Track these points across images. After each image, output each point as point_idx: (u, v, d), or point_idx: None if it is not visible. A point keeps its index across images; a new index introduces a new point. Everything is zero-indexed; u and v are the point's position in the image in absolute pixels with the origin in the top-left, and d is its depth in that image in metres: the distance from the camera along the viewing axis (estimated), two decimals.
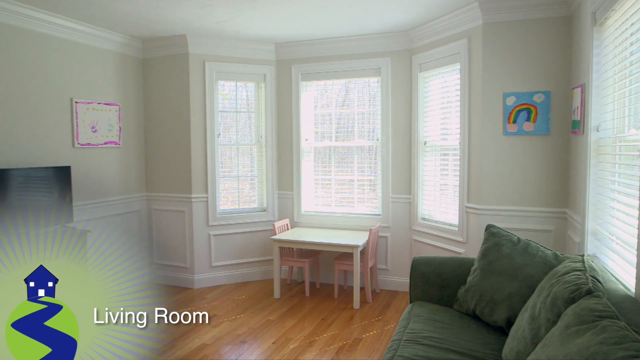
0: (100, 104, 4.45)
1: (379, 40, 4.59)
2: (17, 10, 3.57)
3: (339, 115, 4.97)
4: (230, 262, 4.98)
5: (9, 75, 3.62)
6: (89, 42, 4.31)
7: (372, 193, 4.89)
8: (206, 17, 3.96)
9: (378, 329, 3.71)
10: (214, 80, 4.80)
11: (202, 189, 4.81)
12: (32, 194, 3.43)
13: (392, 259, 4.72)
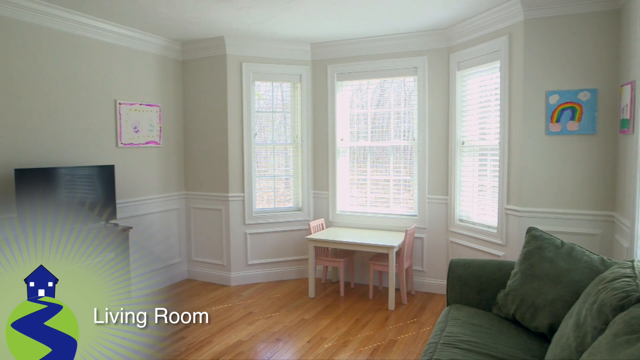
0: (142, 105, 4.60)
1: (416, 38, 4.53)
2: (64, 15, 3.73)
3: (374, 114, 4.93)
4: (265, 260, 5.04)
5: (57, 79, 3.79)
6: (132, 45, 4.46)
7: (407, 193, 4.83)
8: (243, 18, 4.02)
9: (414, 331, 3.66)
10: (250, 80, 4.87)
11: (239, 188, 4.89)
12: (78, 191, 3.58)
13: (428, 260, 4.66)
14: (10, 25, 3.43)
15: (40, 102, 3.66)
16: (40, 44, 3.64)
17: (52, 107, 3.75)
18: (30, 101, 3.58)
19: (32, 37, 3.58)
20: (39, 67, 3.63)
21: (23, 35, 3.52)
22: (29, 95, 3.57)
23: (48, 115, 3.71)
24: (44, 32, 3.66)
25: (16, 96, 3.48)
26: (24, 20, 3.50)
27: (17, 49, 3.48)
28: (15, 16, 3.44)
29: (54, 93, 3.76)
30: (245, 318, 3.98)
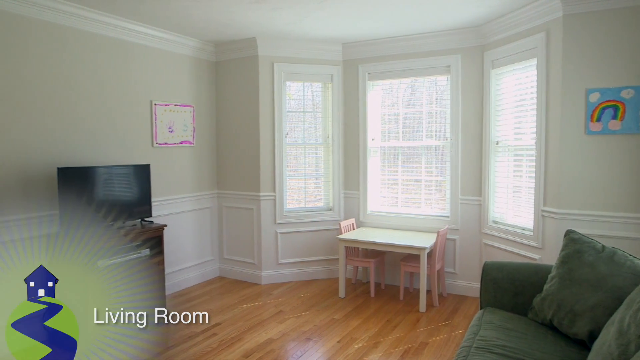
0: (177, 105, 4.70)
1: (449, 37, 4.45)
2: (104, 20, 3.86)
3: (405, 114, 4.88)
4: (296, 259, 5.07)
5: (97, 81, 3.92)
6: (167, 47, 4.56)
7: (439, 194, 4.76)
8: (275, 19, 4.06)
9: (445, 334, 3.60)
10: (282, 81, 4.90)
11: (270, 187, 4.94)
12: (116, 189, 3.69)
13: (460, 262, 4.58)
14: (54, 30, 3.57)
15: (81, 103, 3.79)
16: (82, 48, 3.77)
17: (93, 108, 3.88)
18: (72, 103, 3.72)
19: (75, 41, 3.72)
20: (80, 71, 3.77)
21: (66, 39, 3.66)
22: (71, 97, 3.71)
23: (88, 116, 3.85)
24: (85, 36, 3.80)
25: (59, 98, 3.62)
26: (66, 25, 3.64)
27: (60, 53, 3.62)
28: (59, 21, 3.58)
29: (94, 95, 3.89)
30: (275, 316, 4.01)
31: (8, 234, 3.32)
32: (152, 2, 3.56)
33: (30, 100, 3.43)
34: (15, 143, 3.34)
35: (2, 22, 3.24)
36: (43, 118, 3.52)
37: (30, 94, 3.43)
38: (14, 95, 3.33)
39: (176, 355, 3.27)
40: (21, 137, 3.38)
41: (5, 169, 3.29)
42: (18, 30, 3.34)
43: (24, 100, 3.39)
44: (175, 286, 4.75)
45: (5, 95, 3.27)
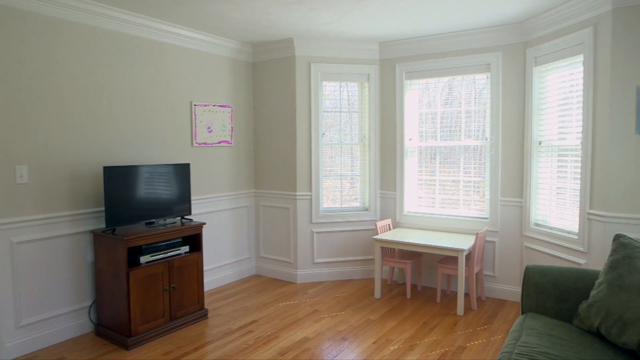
0: (215, 106, 4.80)
1: (489, 34, 4.34)
2: (145, 23, 3.98)
3: (443, 113, 4.79)
4: (331, 259, 5.07)
5: (141, 83, 4.05)
6: (207, 49, 4.66)
7: (478, 195, 4.65)
8: (312, 19, 4.07)
9: (484, 339, 3.52)
10: (319, 81, 4.92)
11: (306, 187, 4.96)
12: (157, 188, 3.80)
13: (500, 265, 4.45)
14: (100, 34, 3.71)
15: (126, 104, 3.93)
16: (127, 52, 3.91)
17: (137, 109, 4.02)
18: (118, 104, 3.86)
19: (120, 45, 3.86)
20: (125, 73, 3.91)
21: (111, 44, 3.80)
22: (117, 99, 3.85)
23: (132, 117, 3.99)
24: (130, 40, 3.94)
25: (106, 100, 3.77)
26: (111, 29, 3.78)
27: (106, 57, 3.76)
28: (103, 25, 3.72)
29: (138, 96, 4.03)
30: (311, 315, 4.03)
31: (58, 229, 3.49)
32: (192, 5, 3.65)
33: (78, 102, 3.59)
34: (64, 143, 3.50)
35: (52, 27, 3.40)
36: (90, 118, 3.67)
37: (78, 96, 3.58)
38: (63, 96, 3.49)
39: (213, 351, 3.33)
40: (70, 137, 3.54)
41: (55, 168, 3.45)
42: (65, 36, 3.49)
43: (73, 102, 3.55)
44: (212, 283, 4.85)
45: (55, 96, 3.44)
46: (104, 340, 3.52)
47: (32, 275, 3.34)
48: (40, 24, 3.33)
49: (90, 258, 3.69)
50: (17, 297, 3.26)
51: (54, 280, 3.47)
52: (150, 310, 3.52)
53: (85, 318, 3.68)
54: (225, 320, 3.95)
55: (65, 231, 3.52)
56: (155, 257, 3.59)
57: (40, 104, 3.35)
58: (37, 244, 3.36)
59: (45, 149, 3.39)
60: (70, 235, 3.56)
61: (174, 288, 3.71)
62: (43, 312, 3.41)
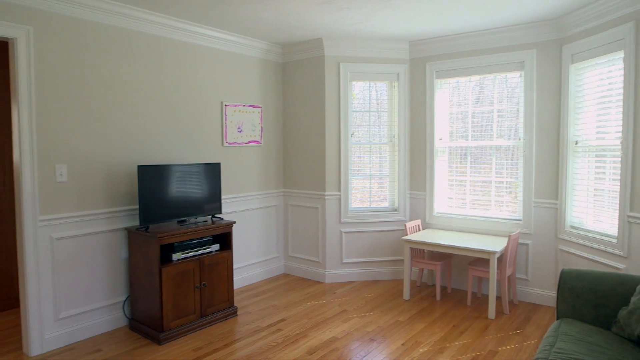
0: (245, 106, 4.86)
1: (523, 31, 4.24)
2: (176, 25, 4.06)
3: (474, 113, 4.70)
4: (360, 259, 5.06)
5: (173, 85, 4.14)
6: (237, 50, 4.72)
7: (510, 196, 4.54)
8: (342, 19, 4.06)
9: (516, 344, 3.43)
10: (348, 80, 4.91)
11: (335, 186, 4.96)
12: (189, 187, 3.88)
13: (533, 268, 4.34)
14: (133, 37, 3.81)
15: (159, 105, 4.02)
16: (159, 53, 4.00)
17: (169, 109, 4.11)
18: (150, 105, 3.96)
19: (152, 47, 3.95)
20: (157, 74, 4.00)
21: (144, 46, 3.90)
22: (150, 100, 3.95)
23: (164, 117, 4.08)
24: (162, 42, 4.03)
25: (139, 101, 3.87)
26: (143, 31, 3.88)
27: (139, 59, 3.86)
28: (135, 28, 3.82)
29: (170, 97, 4.12)
30: (339, 315, 4.02)
31: (94, 226, 3.60)
32: (223, 7, 3.70)
33: (113, 103, 3.69)
34: (101, 143, 3.61)
35: (88, 30, 3.52)
36: (125, 119, 3.77)
37: (114, 97, 3.69)
38: (99, 98, 3.60)
39: (243, 348, 3.37)
40: (106, 137, 3.65)
41: (92, 167, 3.56)
42: (100, 39, 3.60)
43: (108, 103, 3.66)
44: (242, 281, 4.91)
45: (91, 98, 3.55)
46: (137, 335, 3.62)
47: (70, 270, 3.47)
48: (74, 27, 3.45)
49: (125, 254, 3.80)
50: (56, 291, 3.38)
51: (91, 275, 3.59)
52: (182, 307, 3.60)
53: (120, 312, 3.78)
54: (254, 318, 3.99)
55: (101, 228, 3.64)
56: (186, 255, 3.66)
57: (77, 106, 3.46)
58: (75, 240, 3.48)
59: (83, 149, 3.50)
60: (106, 232, 3.67)
61: (205, 285, 3.77)
62: (80, 305, 3.53)
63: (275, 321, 3.91)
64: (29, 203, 3.21)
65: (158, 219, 3.64)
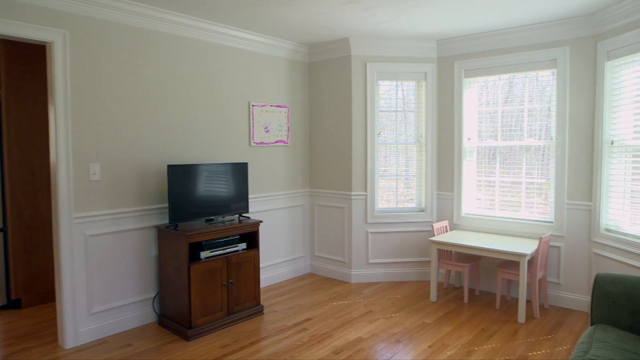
0: (272, 106, 4.89)
1: (555, 27, 4.12)
2: (204, 27, 4.12)
3: (503, 112, 4.60)
4: (386, 260, 5.02)
5: (202, 85, 4.20)
6: (265, 50, 4.76)
7: (541, 197, 4.43)
8: (369, 18, 4.04)
9: (547, 349, 3.35)
10: (375, 80, 4.88)
11: (362, 187, 4.94)
12: (217, 186, 3.93)
13: (565, 272, 4.22)
14: (163, 39, 3.89)
15: (187, 105, 4.09)
16: (187, 55, 4.07)
17: (198, 110, 4.18)
18: (179, 105, 4.03)
19: (181, 49, 4.02)
20: (186, 76, 4.07)
21: (173, 47, 3.97)
22: (179, 100, 4.02)
23: (193, 117, 4.14)
24: (190, 43, 4.10)
25: (169, 101, 3.94)
26: (172, 33, 3.95)
27: (168, 60, 3.94)
28: (169, 30, 3.90)
29: (199, 98, 4.18)
30: (365, 316, 4.01)
31: (126, 224, 3.69)
32: (250, 8, 3.73)
33: (144, 104, 3.78)
34: (132, 142, 3.70)
35: (120, 33, 3.61)
36: (155, 119, 3.85)
37: (144, 98, 3.78)
38: (130, 99, 3.69)
39: (269, 347, 3.40)
40: (137, 136, 3.74)
41: (124, 167, 3.66)
42: (133, 42, 3.69)
43: (139, 104, 3.75)
44: (268, 280, 4.95)
45: (123, 99, 3.64)
46: (166, 331, 3.69)
47: (102, 266, 3.56)
48: (108, 30, 3.54)
49: (155, 252, 3.88)
50: (89, 286, 3.49)
51: (122, 272, 3.68)
52: (209, 304, 3.65)
53: (149, 309, 3.87)
54: (280, 317, 4.01)
55: (132, 226, 3.73)
56: (214, 253, 3.71)
57: (110, 107, 3.56)
58: (108, 237, 3.58)
59: (115, 149, 3.60)
60: (137, 230, 3.76)
61: (232, 283, 3.82)
62: (112, 301, 3.63)
63: (301, 320, 3.92)
64: (64, 201, 3.32)
65: (187, 217, 3.71)
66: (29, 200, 4.24)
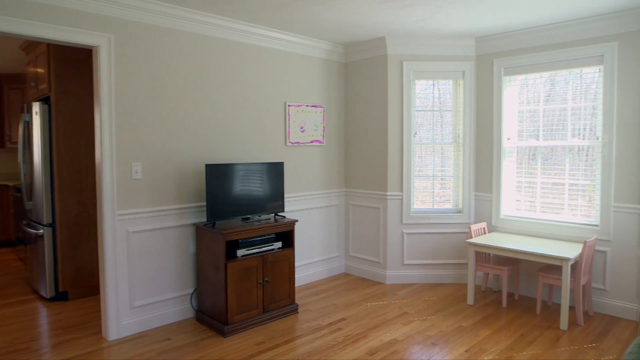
0: (308, 106, 4.92)
1: (602, 22, 3.95)
2: (244, 29, 4.19)
3: (544, 111, 4.45)
4: (422, 261, 4.96)
5: (238, 86, 4.27)
6: (301, 51, 4.79)
7: (585, 199, 4.25)
8: (406, 17, 4.00)
9: (592, 358, 3.21)
10: (411, 79, 4.83)
11: (397, 187, 4.90)
12: (253, 186, 3.99)
13: (612, 278, 4.04)
14: (201, 41, 3.98)
15: (225, 106, 4.17)
16: (226, 57, 4.15)
17: (235, 110, 4.25)
18: (218, 105, 4.11)
19: (220, 50, 4.10)
20: (225, 77, 4.15)
21: (213, 49, 4.06)
22: (217, 101, 4.10)
23: (231, 117, 4.22)
24: (229, 45, 4.17)
25: (208, 102, 4.03)
26: (210, 35, 4.03)
27: (207, 62, 4.02)
28: (209, 33, 3.98)
29: (236, 99, 4.25)
30: (400, 317, 3.97)
31: (165, 222, 3.80)
32: (288, 9, 3.77)
33: (184, 105, 3.88)
34: (171, 142, 3.81)
35: (162, 37, 3.71)
36: (194, 119, 3.95)
37: (183, 99, 3.87)
38: (170, 99, 3.79)
39: (303, 345, 3.42)
40: (176, 136, 3.84)
41: (164, 166, 3.76)
42: (174, 44, 3.79)
43: (179, 105, 3.84)
44: (302, 279, 4.98)
45: (163, 100, 3.75)
46: (203, 326, 3.78)
47: (143, 262, 3.68)
48: (150, 33, 3.65)
49: (193, 249, 3.98)
50: (131, 281, 3.61)
51: (161, 268, 3.79)
52: (245, 302, 3.71)
53: (187, 304, 3.97)
54: (315, 316, 4.03)
55: (172, 223, 3.83)
56: (250, 251, 3.76)
57: (151, 108, 3.67)
58: (148, 234, 3.69)
59: (156, 148, 3.71)
60: (176, 228, 3.86)
61: (267, 282, 3.86)
62: (152, 295, 3.74)
63: (335, 320, 3.93)
64: (108, 198, 3.45)
65: (224, 215, 3.78)
66: (76, 197, 4.43)
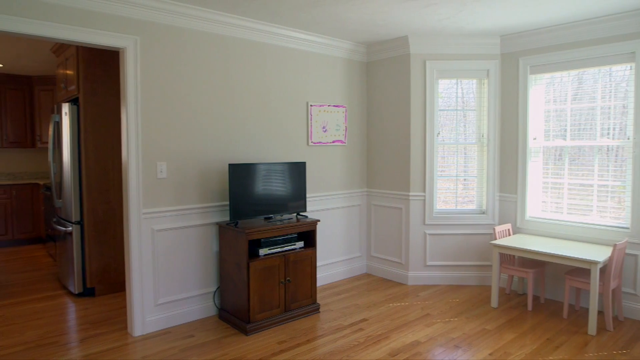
0: (330, 106, 4.92)
1: (632, 18, 3.84)
2: (266, 29, 4.22)
3: (572, 110, 4.34)
4: (444, 263, 4.90)
5: (261, 86, 4.30)
6: (323, 51, 4.80)
7: (614, 201, 4.14)
8: (429, 15, 3.96)
9: None
10: (434, 79, 4.78)
11: (420, 187, 4.85)
12: (276, 185, 4.01)
13: None
14: (223, 42, 4.02)
15: (248, 106, 4.21)
16: (249, 57, 4.18)
17: (258, 110, 4.28)
18: (241, 106, 4.15)
19: (243, 51, 4.14)
20: (248, 77, 4.19)
21: (236, 51, 4.09)
22: (240, 101, 4.14)
23: (254, 117, 4.25)
24: (252, 46, 4.20)
25: (231, 102, 4.07)
26: (232, 35, 4.07)
27: (230, 63, 4.06)
28: (232, 34, 4.02)
29: (258, 99, 4.29)
30: (422, 319, 3.93)
31: (189, 220, 3.85)
32: (310, 10, 3.77)
33: (208, 105, 3.92)
34: (196, 142, 3.86)
35: (187, 38, 3.77)
36: (217, 120, 3.99)
37: (207, 100, 3.92)
38: (194, 99, 3.85)
39: (325, 345, 3.42)
40: (200, 136, 3.89)
41: (188, 165, 3.82)
42: (198, 45, 3.84)
43: (203, 105, 3.89)
44: (324, 279, 4.98)
45: (187, 100, 3.80)
46: (225, 324, 3.81)
47: (167, 260, 3.74)
48: (175, 35, 3.71)
49: (216, 248, 4.02)
50: (156, 278, 3.67)
51: (185, 266, 3.85)
52: (267, 301, 3.73)
53: (210, 302, 4.01)
54: (336, 316, 4.03)
55: (195, 222, 3.88)
56: (272, 251, 3.79)
57: (176, 108, 3.73)
58: (172, 232, 3.75)
59: (180, 148, 3.76)
60: (199, 226, 3.91)
61: (289, 281, 3.88)
62: (176, 293, 3.80)
63: (357, 320, 3.92)
64: (134, 197, 3.51)
65: (246, 215, 3.81)
66: (102, 195, 4.53)
